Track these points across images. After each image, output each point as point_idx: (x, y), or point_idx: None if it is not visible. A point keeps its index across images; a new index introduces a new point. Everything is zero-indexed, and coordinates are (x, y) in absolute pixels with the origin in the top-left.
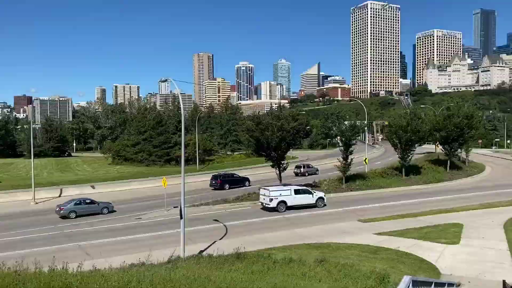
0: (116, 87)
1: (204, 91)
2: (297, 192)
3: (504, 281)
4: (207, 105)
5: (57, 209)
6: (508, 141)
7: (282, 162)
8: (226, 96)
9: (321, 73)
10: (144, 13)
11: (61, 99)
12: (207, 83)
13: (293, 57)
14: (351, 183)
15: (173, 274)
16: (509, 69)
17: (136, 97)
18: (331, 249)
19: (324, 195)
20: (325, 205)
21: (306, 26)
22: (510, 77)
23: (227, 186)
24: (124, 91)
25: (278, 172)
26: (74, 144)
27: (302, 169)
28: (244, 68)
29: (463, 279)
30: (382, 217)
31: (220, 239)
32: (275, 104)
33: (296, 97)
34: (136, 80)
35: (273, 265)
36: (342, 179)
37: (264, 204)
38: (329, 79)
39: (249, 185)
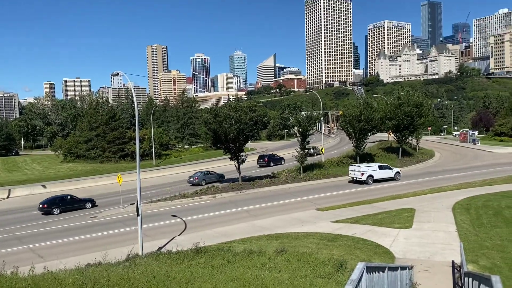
0: (65, 81)
1: (158, 84)
2: (380, 167)
3: (453, 262)
4: (162, 98)
5: (191, 179)
6: (456, 128)
7: (241, 154)
8: (182, 89)
9: (277, 64)
10: (94, 3)
11: (6, 95)
12: (161, 75)
13: (249, 48)
14: (308, 173)
15: (131, 273)
16: (455, 58)
17: (88, 92)
18: (291, 238)
19: (400, 170)
20: (399, 178)
21: (261, 17)
22: (456, 66)
23: (271, 163)
24: (74, 85)
25: (236, 165)
26: (22, 142)
27: (311, 150)
28: (199, 60)
29: (415, 261)
30: (339, 205)
31: (179, 235)
32: (233, 96)
33: (253, 88)
34: (87, 74)
35: (233, 258)
36: (300, 169)
37: (355, 178)
38: (285, 70)
39: (284, 163)
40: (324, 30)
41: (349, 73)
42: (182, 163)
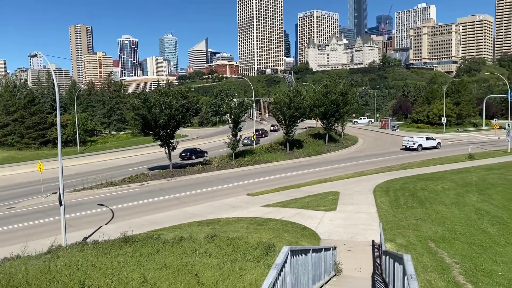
0: None
1: (83, 66)
2: (427, 138)
3: (373, 241)
4: (87, 81)
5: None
6: (378, 115)
7: (171, 141)
8: (109, 72)
9: (209, 49)
10: None
11: None
12: (86, 58)
13: (180, 32)
14: (240, 159)
15: (53, 265)
16: (378, 49)
17: (3, 73)
18: (222, 224)
19: (440, 140)
20: (440, 147)
21: (192, 0)
22: (379, 56)
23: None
24: None
25: (167, 152)
26: None
27: (276, 127)
28: (127, 42)
29: (339, 242)
30: (269, 190)
31: (106, 224)
32: (163, 80)
33: (184, 73)
34: (2, 54)
35: (163, 245)
36: (232, 155)
37: (408, 146)
38: (217, 55)
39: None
40: (256, 16)
41: (280, 61)
42: (109, 149)
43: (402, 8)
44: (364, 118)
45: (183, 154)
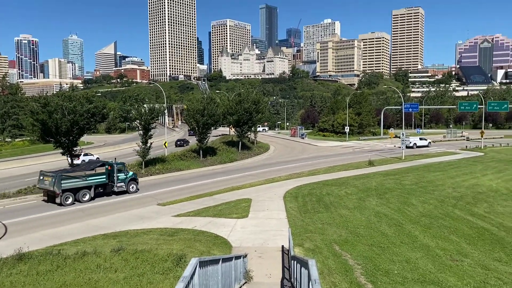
0: None
1: None
2: (420, 139)
3: (282, 246)
4: None
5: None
6: (288, 124)
7: (74, 148)
8: (3, 73)
9: (118, 52)
10: None
11: None
12: None
13: (86, 33)
14: (151, 167)
15: None
16: (288, 60)
17: None
18: (129, 236)
19: (431, 140)
20: (431, 146)
21: (99, 1)
22: (289, 67)
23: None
24: None
25: (70, 160)
26: None
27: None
28: (26, 41)
29: (250, 249)
30: (181, 199)
31: None
32: (66, 84)
33: (90, 77)
34: None
35: (63, 261)
36: (141, 163)
37: (406, 145)
38: (127, 59)
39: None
40: (168, 22)
41: (193, 68)
42: (3, 158)
43: (310, 23)
44: (259, 126)
45: (178, 143)
